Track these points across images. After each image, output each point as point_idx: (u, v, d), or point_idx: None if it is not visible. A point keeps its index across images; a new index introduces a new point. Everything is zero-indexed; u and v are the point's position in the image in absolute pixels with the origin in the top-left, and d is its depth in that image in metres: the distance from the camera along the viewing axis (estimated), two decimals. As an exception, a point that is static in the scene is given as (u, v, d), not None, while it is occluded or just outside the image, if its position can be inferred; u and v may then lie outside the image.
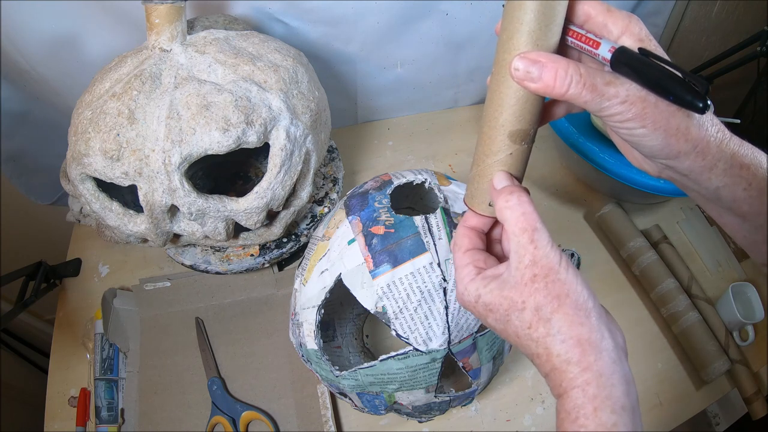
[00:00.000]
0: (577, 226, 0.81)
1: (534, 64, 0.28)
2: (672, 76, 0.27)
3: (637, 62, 0.27)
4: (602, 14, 0.29)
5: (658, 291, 0.71)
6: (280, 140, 0.52)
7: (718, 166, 0.30)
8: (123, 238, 0.59)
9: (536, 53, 0.29)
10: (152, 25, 0.52)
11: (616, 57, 0.28)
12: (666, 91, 0.27)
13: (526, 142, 0.32)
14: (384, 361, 0.44)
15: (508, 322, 0.32)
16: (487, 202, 0.34)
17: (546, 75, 0.28)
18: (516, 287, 0.31)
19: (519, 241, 0.31)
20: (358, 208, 0.46)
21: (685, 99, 0.26)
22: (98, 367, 0.62)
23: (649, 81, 0.27)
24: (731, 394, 0.65)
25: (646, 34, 0.29)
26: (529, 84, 0.29)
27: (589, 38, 0.29)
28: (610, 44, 0.28)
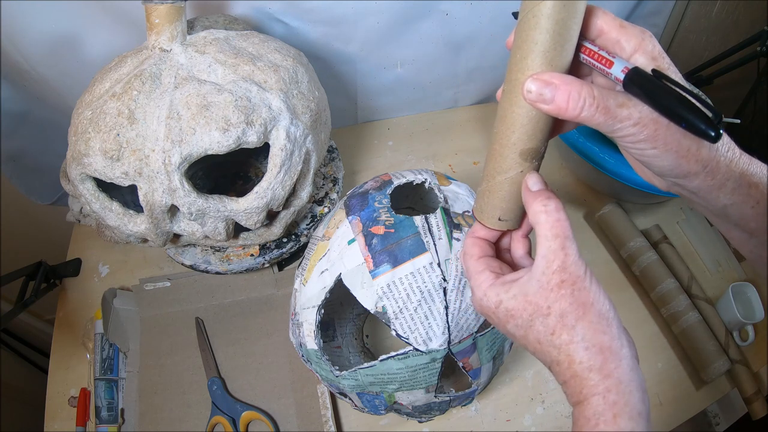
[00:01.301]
0: (577, 226, 0.81)
1: (547, 86, 0.28)
2: (684, 102, 0.26)
3: (650, 85, 0.27)
4: (615, 30, 0.29)
5: (658, 291, 0.71)
6: (280, 140, 0.52)
7: (727, 186, 0.30)
8: (123, 238, 0.59)
9: (549, 74, 0.28)
10: (152, 25, 0.52)
11: (629, 78, 0.27)
12: (678, 117, 0.26)
13: (536, 159, 0.33)
14: (384, 361, 0.44)
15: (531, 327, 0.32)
16: (497, 217, 0.35)
17: (559, 97, 0.28)
18: (541, 292, 0.31)
19: (550, 246, 0.31)
20: (358, 208, 0.46)
21: (699, 128, 0.26)
22: (98, 367, 0.62)
23: (661, 105, 0.27)
24: (731, 394, 0.65)
25: (660, 52, 0.29)
26: (542, 106, 0.29)
27: (602, 56, 0.29)
28: (624, 64, 0.28)
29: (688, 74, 0.90)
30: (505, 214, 0.35)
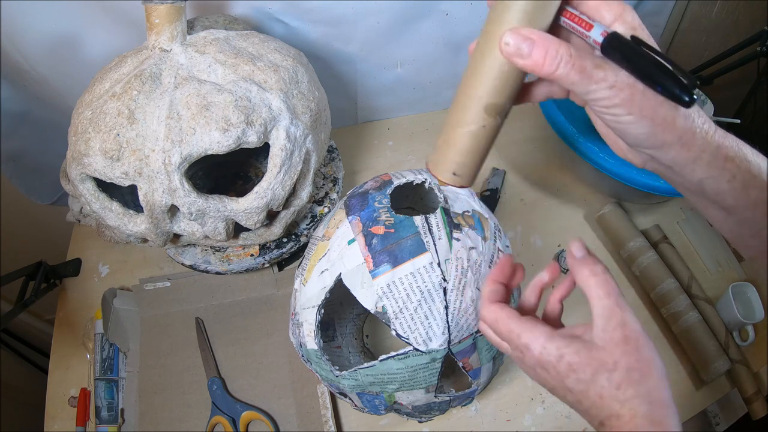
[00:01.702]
0: (577, 226, 0.81)
1: (525, 41, 0.28)
2: (661, 68, 0.26)
3: (628, 49, 0.27)
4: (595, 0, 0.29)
5: (658, 291, 0.71)
6: (280, 140, 0.52)
7: (703, 158, 0.30)
8: (123, 238, 0.59)
9: (528, 30, 0.28)
10: (152, 25, 0.52)
11: (608, 41, 0.28)
12: (654, 81, 0.27)
13: (500, 116, 0.32)
14: (384, 361, 0.44)
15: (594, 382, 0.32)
16: (451, 171, 0.34)
17: (536, 53, 0.28)
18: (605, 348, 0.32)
19: (606, 305, 0.33)
20: (358, 208, 0.46)
21: (673, 91, 0.26)
22: (98, 367, 0.62)
23: (639, 69, 0.27)
24: (731, 394, 0.65)
25: (639, 24, 0.29)
26: (518, 60, 0.28)
27: (583, 20, 0.29)
28: (603, 28, 0.28)
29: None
30: (460, 168, 0.34)
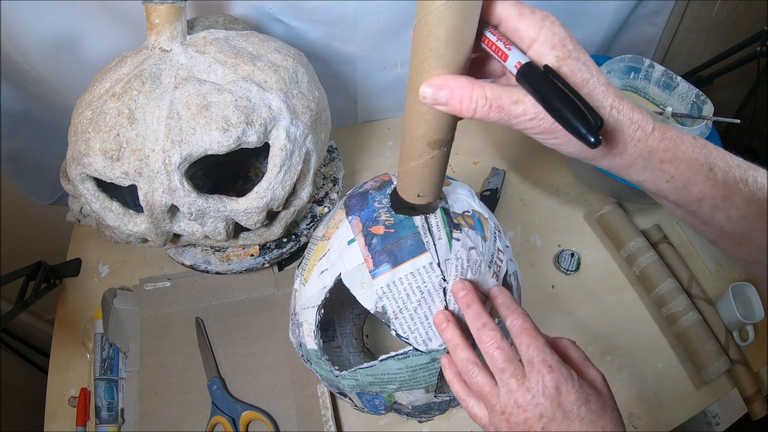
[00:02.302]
0: (577, 226, 0.81)
1: (441, 89, 0.28)
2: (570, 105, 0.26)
3: (538, 82, 0.27)
4: (514, 18, 0.28)
5: (658, 291, 0.71)
6: (280, 140, 0.52)
7: (637, 163, 0.31)
8: (123, 238, 0.59)
9: (443, 78, 0.28)
10: (152, 25, 0.52)
11: (521, 73, 0.28)
12: (561, 119, 0.26)
13: (444, 146, 0.35)
14: (384, 361, 0.44)
15: None
16: (416, 194, 0.40)
17: (452, 101, 0.28)
18: None
19: None
20: (358, 208, 0.46)
21: (579, 132, 0.26)
22: (98, 367, 0.62)
23: (547, 104, 0.27)
24: (731, 394, 0.65)
25: (560, 39, 0.28)
26: (439, 107, 0.30)
27: (499, 48, 0.29)
28: (518, 58, 0.28)
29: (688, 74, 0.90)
30: (422, 191, 0.39)
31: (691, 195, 0.32)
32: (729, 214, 0.32)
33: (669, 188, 0.32)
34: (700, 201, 0.32)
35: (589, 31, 0.90)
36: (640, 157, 0.30)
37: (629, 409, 0.64)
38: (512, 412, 0.34)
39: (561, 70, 0.28)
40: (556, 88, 0.27)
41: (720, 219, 0.32)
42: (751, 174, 0.32)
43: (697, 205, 0.32)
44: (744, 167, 0.32)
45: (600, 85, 0.29)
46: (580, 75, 0.28)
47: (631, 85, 0.83)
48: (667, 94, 0.80)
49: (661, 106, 0.81)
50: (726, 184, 0.31)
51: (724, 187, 0.31)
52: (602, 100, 0.29)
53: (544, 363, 0.34)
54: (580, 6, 0.83)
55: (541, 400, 0.34)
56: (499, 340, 0.37)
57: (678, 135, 0.31)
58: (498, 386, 0.36)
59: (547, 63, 0.28)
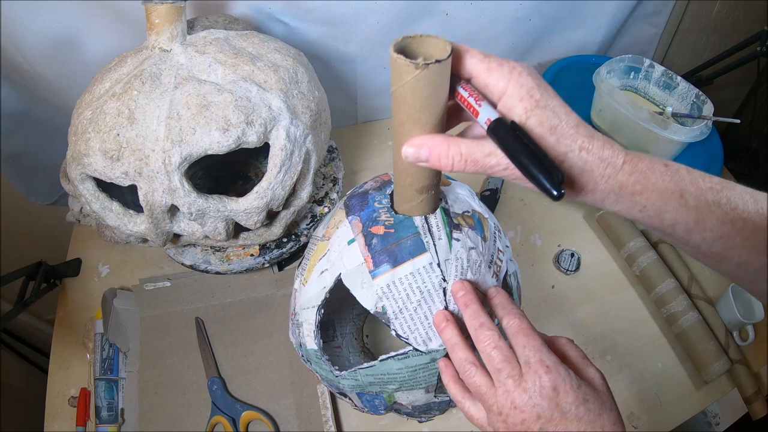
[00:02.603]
0: (577, 226, 0.81)
1: (420, 148, 0.32)
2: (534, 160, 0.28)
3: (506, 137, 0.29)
4: (483, 74, 0.30)
5: (658, 291, 0.71)
6: (280, 140, 0.52)
7: (610, 198, 0.33)
8: (123, 238, 0.59)
9: (420, 138, 0.32)
10: (152, 25, 0.52)
11: (491, 129, 0.29)
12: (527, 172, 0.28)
13: (431, 190, 0.39)
14: (384, 361, 0.44)
15: None
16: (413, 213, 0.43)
17: (432, 158, 0.32)
18: None
19: None
20: (358, 208, 0.45)
21: (543, 185, 0.28)
22: (98, 367, 0.62)
23: (514, 158, 0.29)
24: (731, 394, 0.65)
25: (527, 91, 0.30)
26: (420, 164, 0.33)
27: (471, 104, 0.31)
28: (487, 115, 0.30)
29: (688, 74, 0.90)
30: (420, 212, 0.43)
31: (664, 222, 0.33)
32: (704, 236, 0.33)
33: (642, 217, 0.33)
34: (674, 226, 0.33)
35: (589, 31, 0.90)
36: (612, 192, 0.32)
37: (629, 409, 0.64)
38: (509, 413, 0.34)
39: (530, 121, 0.30)
40: (522, 144, 0.28)
41: (696, 241, 0.33)
42: (723, 195, 0.32)
43: (671, 230, 0.33)
44: (716, 189, 0.33)
45: (569, 128, 0.30)
46: (548, 123, 0.30)
47: (631, 85, 0.83)
48: (667, 94, 0.80)
49: (661, 106, 0.81)
50: (697, 208, 0.32)
51: (696, 211, 0.32)
52: (571, 144, 0.30)
53: (541, 363, 0.34)
54: (580, 6, 0.83)
55: (538, 400, 0.34)
56: (497, 339, 0.37)
57: (648, 166, 0.32)
58: (495, 387, 0.36)
59: (516, 115, 0.30)
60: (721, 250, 0.33)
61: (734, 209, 0.32)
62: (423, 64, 0.28)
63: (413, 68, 0.28)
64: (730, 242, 0.32)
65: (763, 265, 0.32)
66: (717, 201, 0.32)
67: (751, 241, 0.32)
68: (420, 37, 0.30)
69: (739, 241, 0.32)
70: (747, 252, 0.32)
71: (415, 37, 0.30)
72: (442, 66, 0.29)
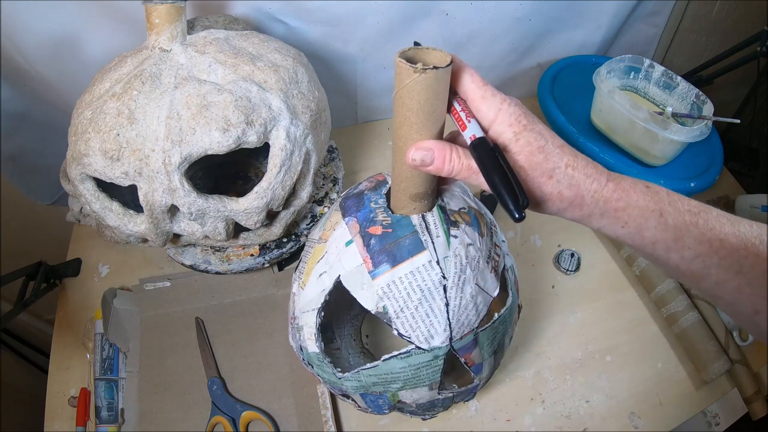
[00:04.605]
0: (577, 226, 0.80)
1: (427, 152, 0.34)
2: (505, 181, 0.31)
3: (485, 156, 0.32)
4: (477, 100, 0.33)
5: (658, 291, 0.71)
6: (280, 140, 0.52)
7: (595, 213, 0.35)
8: (123, 238, 0.59)
9: (426, 142, 0.34)
10: (152, 25, 0.52)
11: (473, 145, 0.33)
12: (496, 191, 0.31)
13: (425, 199, 0.41)
14: (387, 360, 0.44)
15: None
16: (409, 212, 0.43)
17: (437, 161, 0.34)
18: None
19: None
20: (354, 209, 0.45)
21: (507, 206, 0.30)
22: (98, 367, 0.62)
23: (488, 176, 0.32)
24: (731, 394, 0.65)
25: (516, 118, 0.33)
26: (424, 168, 0.35)
27: (461, 118, 0.34)
28: (473, 131, 0.33)
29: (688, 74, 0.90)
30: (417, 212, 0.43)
31: (644, 239, 0.35)
32: (683, 254, 0.34)
33: (624, 233, 0.35)
34: (654, 244, 0.35)
35: (589, 31, 0.90)
36: (597, 207, 0.34)
37: (629, 409, 0.64)
38: None
39: (519, 142, 0.33)
40: (498, 165, 0.31)
41: (675, 259, 0.35)
42: (701, 217, 0.34)
43: (652, 248, 0.35)
44: (694, 211, 0.34)
45: (555, 148, 0.33)
46: (536, 143, 0.33)
47: (631, 85, 0.83)
48: (667, 94, 0.80)
49: (661, 106, 0.81)
50: (676, 227, 0.34)
51: (675, 230, 0.34)
52: (557, 161, 0.33)
53: None
54: (580, 6, 0.83)
55: None
56: None
57: (631, 185, 0.34)
58: None
59: (506, 138, 0.33)
60: (700, 269, 0.35)
61: (711, 230, 0.34)
62: (421, 69, 0.30)
63: (412, 72, 0.31)
64: (707, 261, 0.34)
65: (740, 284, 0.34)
66: (695, 222, 0.34)
67: (727, 260, 0.34)
68: (426, 49, 0.33)
69: (716, 260, 0.34)
70: (724, 271, 0.34)
71: (422, 48, 0.33)
72: (439, 73, 0.31)
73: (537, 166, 0.33)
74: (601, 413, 0.63)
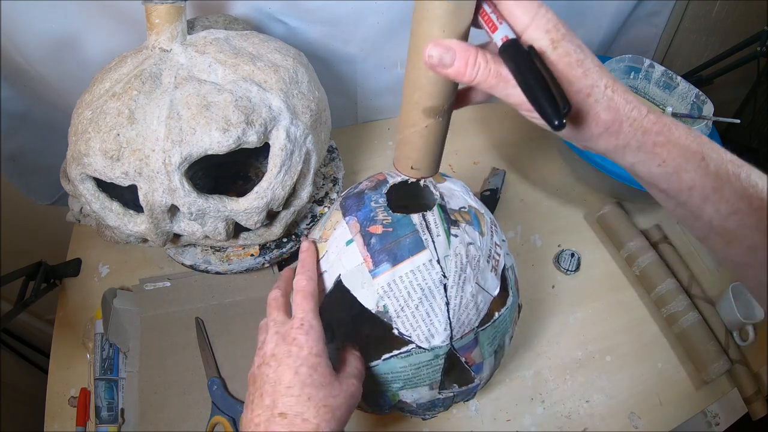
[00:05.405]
0: (577, 226, 0.81)
1: (447, 51, 0.29)
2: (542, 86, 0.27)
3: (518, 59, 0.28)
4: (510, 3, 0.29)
5: (658, 291, 0.71)
6: (280, 140, 0.52)
7: (631, 144, 0.31)
8: (123, 238, 0.59)
9: (449, 40, 0.29)
10: (152, 25, 0.52)
11: (504, 48, 0.29)
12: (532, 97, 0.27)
13: (440, 115, 0.35)
14: (387, 360, 0.44)
15: None
16: (410, 166, 0.39)
17: (458, 62, 0.29)
18: None
19: None
20: (355, 208, 0.45)
21: (546, 112, 0.27)
22: (98, 367, 0.62)
23: (522, 80, 0.28)
24: (731, 394, 0.65)
25: (554, 24, 0.29)
26: (441, 70, 0.30)
27: (492, 20, 0.30)
28: (505, 33, 0.29)
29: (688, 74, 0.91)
30: (417, 163, 0.38)
31: (681, 183, 0.32)
32: (719, 207, 0.31)
33: (660, 173, 0.32)
34: (690, 190, 0.32)
35: (589, 31, 0.90)
36: (635, 138, 0.31)
37: (629, 409, 0.64)
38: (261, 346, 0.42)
39: (557, 51, 0.29)
40: (535, 67, 0.27)
41: (710, 212, 0.32)
42: (744, 170, 0.31)
43: (687, 194, 0.32)
44: (737, 163, 0.32)
45: (594, 65, 0.29)
46: (575, 55, 0.29)
47: (631, 85, 0.83)
48: (667, 94, 0.80)
49: (661, 106, 0.81)
50: (718, 175, 0.31)
51: (716, 178, 0.31)
52: (597, 80, 0.29)
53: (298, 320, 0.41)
54: (580, 6, 0.83)
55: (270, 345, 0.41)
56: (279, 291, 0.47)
57: (672, 122, 0.31)
58: None
59: (542, 45, 0.29)
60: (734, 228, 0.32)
61: (753, 186, 0.31)
62: None
63: None
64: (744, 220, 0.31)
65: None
66: (737, 174, 0.31)
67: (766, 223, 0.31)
68: None
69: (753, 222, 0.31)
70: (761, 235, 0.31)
71: None
72: None
73: (576, 80, 0.29)
74: (601, 413, 0.63)
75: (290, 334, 0.40)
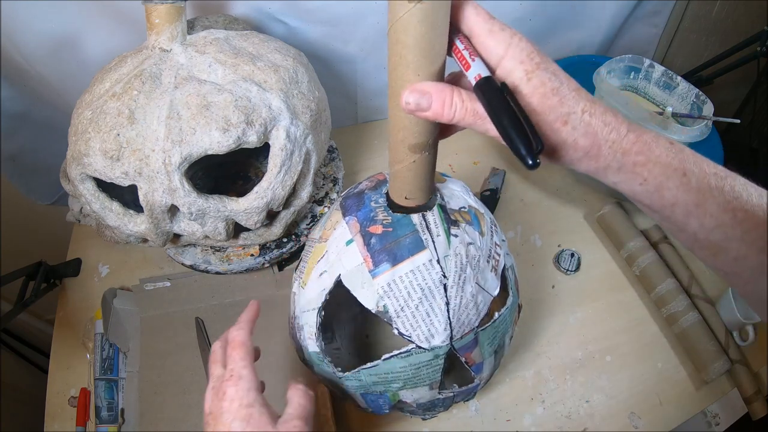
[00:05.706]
0: (577, 226, 0.81)
1: (423, 96, 0.30)
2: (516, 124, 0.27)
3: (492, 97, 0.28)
4: (484, 34, 0.29)
5: (658, 291, 0.71)
6: (280, 140, 0.52)
7: (612, 166, 0.31)
8: (123, 238, 0.59)
9: (423, 84, 0.30)
10: (152, 25, 0.52)
11: (479, 85, 0.29)
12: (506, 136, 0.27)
13: (425, 150, 0.36)
14: (387, 360, 0.44)
15: None
16: (403, 197, 0.41)
17: (435, 105, 0.30)
18: None
19: None
20: (355, 208, 0.45)
21: (519, 152, 0.27)
22: (98, 367, 0.62)
23: (496, 119, 0.28)
24: (731, 394, 0.65)
25: (528, 54, 0.29)
26: (420, 114, 0.30)
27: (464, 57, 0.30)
28: (478, 71, 0.29)
29: (688, 74, 0.91)
30: (409, 194, 0.41)
31: (664, 200, 0.32)
32: (703, 221, 0.32)
33: (642, 191, 0.32)
34: (673, 206, 0.32)
35: (589, 31, 0.90)
36: (614, 160, 0.31)
37: (629, 409, 0.64)
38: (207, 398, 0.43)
39: (531, 82, 0.29)
40: (508, 106, 0.27)
41: (694, 226, 0.32)
42: (728, 182, 0.31)
43: (670, 210, 0.32)
44: (721, 175, 0.32)
45: (570, 91, 0.29)
46: (549, 84, 0.29)
47: (631, 85, 0.83)
48: (667, 94, 0.80)
49: (661, 106, 0.81)
50: (700, 190, 0.31)
51: (698, 193, 0.31)
52: (573, 106, 0.29)
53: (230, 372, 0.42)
54: (580, 6, 0.83)
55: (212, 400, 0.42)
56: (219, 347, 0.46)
57: (653, 138, 0.31)
58: None
59: (516, 77, 0.29)
60: (719, 240, 0.32)
61: (737, 198, 0.31)
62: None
63: (407, 2, 0.27)
64: (729, 232, 0.31)
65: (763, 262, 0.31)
66: (720, 187, 0.31)
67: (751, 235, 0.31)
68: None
69: (738, 233, 0.31)
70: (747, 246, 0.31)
71: None
72: (437, 5, 0.27)
73: (551, 110, 0.29)
74: (601, 413, 0.63)
75: (221, 388, 0.41)
